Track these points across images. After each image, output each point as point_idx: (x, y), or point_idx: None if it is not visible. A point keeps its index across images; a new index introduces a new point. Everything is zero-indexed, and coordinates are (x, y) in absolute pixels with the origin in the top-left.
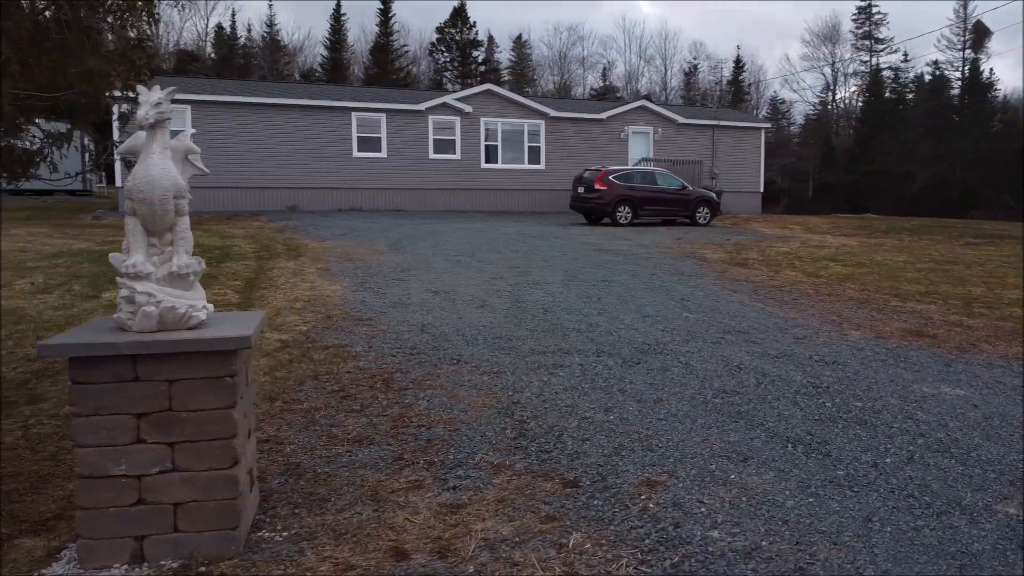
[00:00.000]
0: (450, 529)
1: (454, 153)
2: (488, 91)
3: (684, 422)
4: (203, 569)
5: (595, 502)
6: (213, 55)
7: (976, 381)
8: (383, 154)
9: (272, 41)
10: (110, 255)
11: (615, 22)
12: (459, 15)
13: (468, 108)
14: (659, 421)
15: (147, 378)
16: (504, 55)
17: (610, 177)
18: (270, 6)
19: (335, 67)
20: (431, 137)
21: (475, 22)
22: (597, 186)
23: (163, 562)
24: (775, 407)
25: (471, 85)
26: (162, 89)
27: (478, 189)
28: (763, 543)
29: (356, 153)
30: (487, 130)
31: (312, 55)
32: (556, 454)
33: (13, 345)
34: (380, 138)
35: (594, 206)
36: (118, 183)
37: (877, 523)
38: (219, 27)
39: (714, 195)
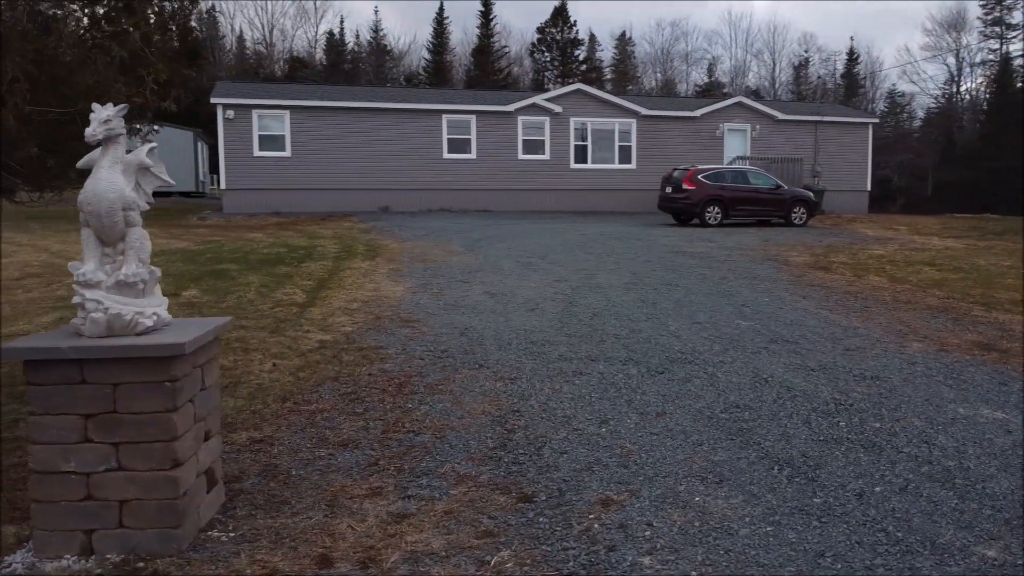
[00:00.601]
0: (386, 539)
1: (543, 153)
2: (578, 91)
3: (676, 437)
4: (141, 564)
5: (541, 519)
6: (324, 61)
7: None
8: (472, 155)
9: (377, 46)
10: (69, 264)
11: (720, 17)
12: (560, 14)
13: (558, 108)
14: (651, 435)
15: (93, 381)
16: (606, 53)
17: (699, 176)
18: (376, 11)
19: (437, 70)
20: (520, 138)
21: (575, 21)
22: (685, 186)
23: (108, 555)
24: (782, 425)
25: (571, 85)
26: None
27: (567, 189)
28: (692, 574)
29: (446, 155)
30: (577, 130)
31: (416, 59)
32: (527, 466)
33: None
34: (470, 140)
35: (682, 206)
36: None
37: (828, 559)
38: (330, 33)
39: (811, 194)
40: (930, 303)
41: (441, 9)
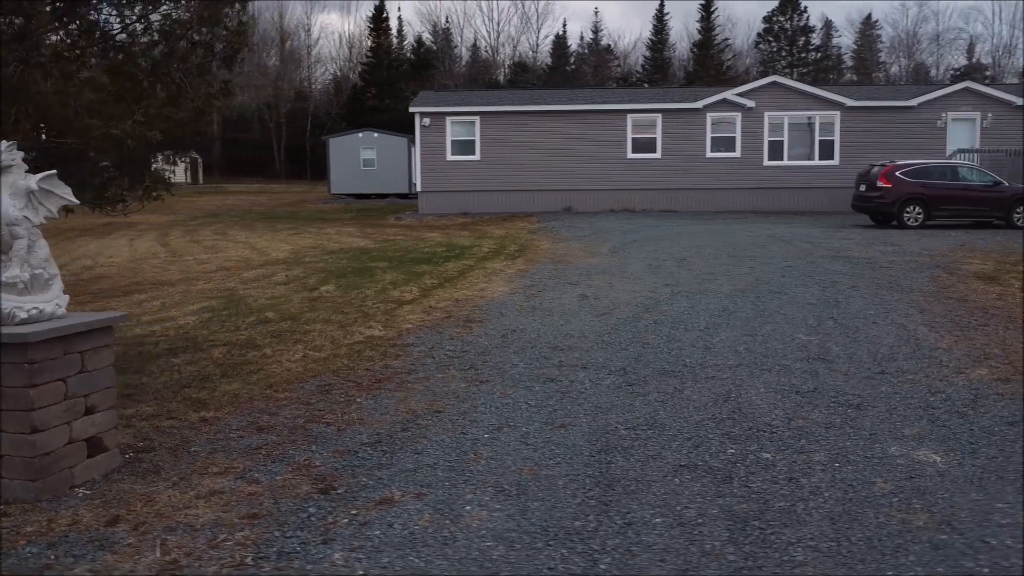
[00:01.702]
0: (176, 511)
1: (733, 151)
2: (774, 83)
3: (530, 449)
4: (1, 507)
5: (309, 507)
6: (547, 64)
7: (987, 443)
8: (657, 155)
9: (597, 46)
10: None
11: None
12: (788, 1)
13: (750, 103)
14: (505, 445)
15: None
16: (844, 40)
17: (897, 173)
18: (596, 11)
19: (656, 67)
20: (708, 135)
21: (806, 7)
22: (880, 183)
23: None
24: (649, 450)
25: (801, 75)
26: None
27: (759, 188)
28: None
29: (630, 155)
30: (771, 125)
31: (637, 58)
32: (359, 463)
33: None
34: (655, 139)
35: (876, 206)
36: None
37: None
38: (557, 36)
39: None
40: None
41: (661, 5)
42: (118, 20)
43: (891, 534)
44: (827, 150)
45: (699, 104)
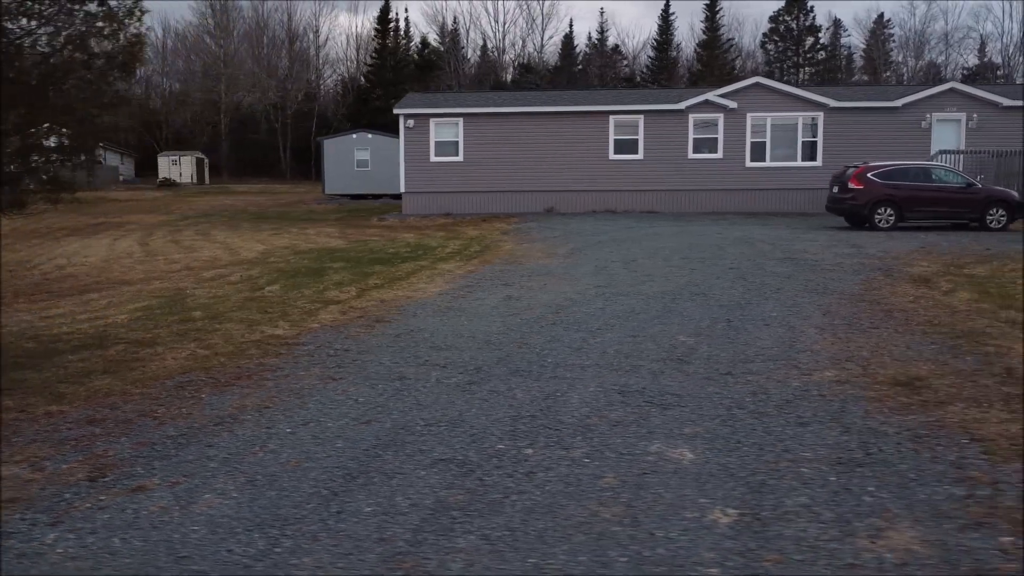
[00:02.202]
0: None
1: (715, 152)
2: (757, 84)
3: (316, 443)
4: None
5: (68, 493)
6: (551, 65)
7: (758, 442)
8: (639, 156)
9: (602, 47)
10: None
11: None
12: (795, 1)
13: (732, 104)
14: (297, 440)
15: None
16: (853, 39)
17: (868, 175)
18: (601, 12)
19: (661, 68)
20: (691, 136)
21: (812, 7)
22: (852, 185)
23: None
24: (425, 445)
25: (807, 75)
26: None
27: (741, 189)
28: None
29: (612, 156)
30: (754, 126)
31: (646, 58)
32: (148, 454)
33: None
34: (637, 140)
35: (849, 207)
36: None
37: None
38: (566, 36)
39: (1016, 194)
40: (980, 327)
41: (667, 5)
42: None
43: (568, 526)
44: (810, 151)
45: (682, 105)
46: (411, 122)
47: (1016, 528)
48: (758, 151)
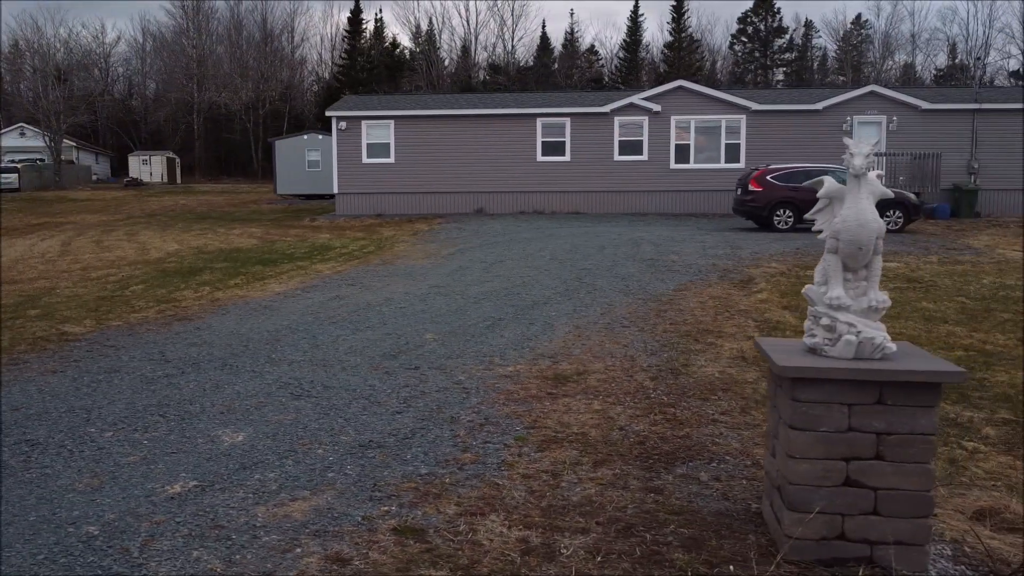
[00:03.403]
0: None
1: (641, 154)
2: (680, 87)
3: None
4: None
5: None
6: (529, 64)
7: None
8: (566, 158)
9: (571, 48)
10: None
11: None
12: (763, 2)
13: (657, 107)
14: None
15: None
16: (823, 41)
17: (768, 177)
18: (571, 12)
19: (630, 68)
20: (616, 139)
21: (780, 8)
22: (752, 187)
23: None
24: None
25: (772, 77)
26: None
27: (666, 191)
28: None
29: (540, 157)
30: (678, 129)
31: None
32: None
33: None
34: (564, 142)
35: (750, 209)
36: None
37: None
38: (542, 37)
39: (912, 196)
40: (692, 324)
41: (636, 6)
42: None
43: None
44: (733, 153)
45: (607, 108)
46: (344, 124)
47: None
48: (682, 153)
